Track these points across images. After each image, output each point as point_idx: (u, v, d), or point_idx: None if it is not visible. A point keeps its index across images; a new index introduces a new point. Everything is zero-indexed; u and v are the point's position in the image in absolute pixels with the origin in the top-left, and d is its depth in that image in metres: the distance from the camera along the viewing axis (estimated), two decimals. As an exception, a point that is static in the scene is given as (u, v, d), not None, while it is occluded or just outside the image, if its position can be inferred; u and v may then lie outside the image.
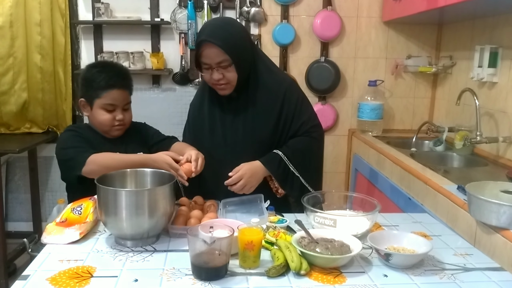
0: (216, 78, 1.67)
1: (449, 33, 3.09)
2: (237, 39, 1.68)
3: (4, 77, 3.10)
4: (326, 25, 3.11)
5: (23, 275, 1.21)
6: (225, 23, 1.75)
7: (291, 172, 1.74)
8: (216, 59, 1.64)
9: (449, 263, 1.33)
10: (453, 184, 1.87)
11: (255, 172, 1.70)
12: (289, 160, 1.73)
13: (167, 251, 1.37)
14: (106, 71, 1.76)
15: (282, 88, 1.77)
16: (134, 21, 3.13)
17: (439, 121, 3.09)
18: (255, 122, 1.76)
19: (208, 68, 1.67)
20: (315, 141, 1.82)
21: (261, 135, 1.76)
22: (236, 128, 1.78)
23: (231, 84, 1.70)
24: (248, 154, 1.74)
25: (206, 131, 1.82)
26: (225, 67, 1.65)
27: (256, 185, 1.70)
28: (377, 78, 3.18)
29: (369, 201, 1.58)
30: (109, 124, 1.76)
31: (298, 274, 1.22)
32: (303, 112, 1.79)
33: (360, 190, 2.98)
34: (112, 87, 1.73)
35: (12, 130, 3.25)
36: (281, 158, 1.73)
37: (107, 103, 1.74)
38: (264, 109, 1.76)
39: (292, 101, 1.77)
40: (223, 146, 1.79)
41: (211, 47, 1.62)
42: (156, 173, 1.53)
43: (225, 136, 1.79)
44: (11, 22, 3.04)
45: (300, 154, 1.76)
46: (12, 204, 3.48)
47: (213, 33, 1.65)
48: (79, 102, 1.81)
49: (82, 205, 1.50)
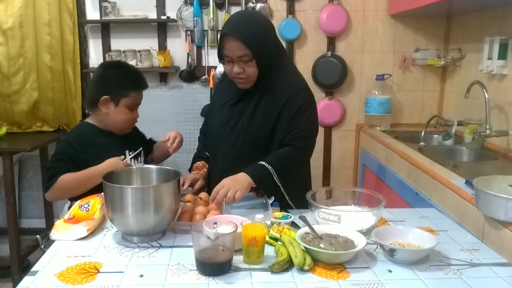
0: (236, 72, 1.69)
1: (458, 25, 3.06)
2: (260, 34, 1.67)
3: (15, 77, 3.14)
4: (332, 20, 3.10)
5: (32, 271, 1.24)
6: (249, 17, 1.75)
7: (274, 180, 1.67)
8: (237, 53, 1.65)
9: (456, 259, 1.32)
10: (461, 179, 1.86)
11: (235, 179, 1.60)
12: (274, 169, 1.66)
13: (173, 247, 1.38)
14: (134, 73, 1.94)
15: (288, 91, 1.74)
16: (140, 20, 3.14)
17: (448, 114, 3.06)
18: (255, 118, 1.76)
19: (229, 61, 1.69)
20: (300, 151, 1.75)
21: (257, 133, 1.76)
22: (239, 120, 1.79)
23: (251, 79, 1.71)
24: (240, 146, 1.77)
25: (215, 114, 1.87)
26: (246, 61, 1.66)
27: (240, 191, 1.56)
28: (384, 72, 3.16)
29: (375, 197, 1.58)
30: (129, 123, 1.93)
31: (301, 270, 1.22)
32: (299, 121, 1.73)
33: (368, 185, 2.97)
34: (139, 88, 1.92)
35: (24, 129, 3.30)
36: (268, 169, 1.65)
37: (132, 103, 1.89)
38: (266, 109, 1.75)
39: (294, 106, 1.73)
40: (226, 133, 1.81)
41: (233, 41, 1.63)
42: (161, 170, 1.55)
43: (229, 124, 1.81)
44: (21, 22, 3.07)
45: (286, 165, 1.70)
46: (25, 202, 3.53)
47: (236, 26, 1.66)
48: (102, 99, 1.84)
49: (90, 202, 1.53)
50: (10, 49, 3.09)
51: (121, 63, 2.21)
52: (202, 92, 3.28)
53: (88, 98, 1.91)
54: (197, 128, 3.28)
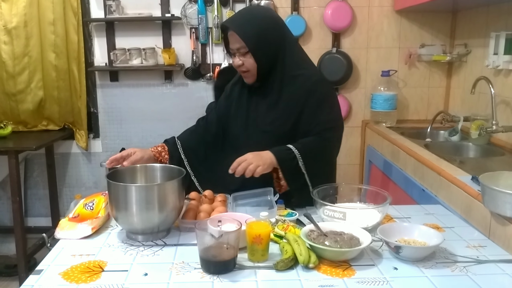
0: (236, 64, 1.71)
1: (464, 20, 3.03)
2: (258, 28, 1.66)
3: (20, 76, 3.15)
4: (337, 16, 3.08)
5: (37, 269, 1.25)
6: (250, 11, 1.77)
7: (299, 167, 1.66)
8: (235, 44, 1.68)
9: (462, 255, 1.31)
10: (467, 175, 1.84)
11: (258, 153, 1.60)
12: (300, 153, 1.66)
13: (177, 245, 1.38)
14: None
15: (306, 85, 1.72)
16: (145, 18, 3.14)
17: (454, 110, 3.04)
18: (275, 115, 1.73)
19: (232, 53, 1.73)
20: (326, 142, 1.73)
21: (278, 129, 1.73)
22: (257, 118, 1.77)
23: (251, 73, 1.71)
24: (263, 146, 1.73)
25: (232, 115, 1.85)
26: (243, 54, 1.68)
27: (263, 167, 1.56)
28: (390, 68, 3.14)
29: (380, 194, 1.57)
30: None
31: (306, 267, 1.22)
32: (323, 113, 1.71)
33: (374, 182, 2.96)
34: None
35: (30, 127, 3.31)
36: (294, 153, 1.65)
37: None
38: (286, 104, 1.72)
39: (315, 97, 1.71)
40: (243, 134, 1.79)
41: (231, 33, 1.68)
42: (165, 168, 1.55)
43: (246, 124, 1.79)
44: (26, 22, 3.08)
45: (311, 152, 1.68)
46: (31, 200, 3.55)
47: (234, 19, 1.72)
48: None
49: (94, 200, 1.53)
50: (15, 48, 3.11)
51: None
52: (207, 89, 3.28)
53: None
54: (202, 126, 3.30)
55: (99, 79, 3.31)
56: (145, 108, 3.32)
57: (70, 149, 3.43)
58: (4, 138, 3.04)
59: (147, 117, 3.32)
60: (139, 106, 3.31)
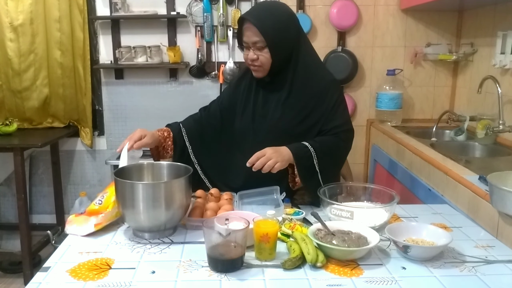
0: (250, 58, 1.69)
1: (470, 19, 3.02)
2: (277, 23, 1.66)
3: (26, 73, 3.16)
4: (342, 14, 3.07)
5: (44, 267, 1.24)
6: (270, 6, 1.74)
7: (314, 165, 1.67)
8: (252, 38, 1.66)
9: (470, 255, 1.30)
10: (474, 175, 1.83)
11: (277, 150, 1.61)
12: (315, 152, 1.66)
13: (184, 243, 1.38)
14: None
15: (320, 85, 1.72)
16: (150, 15, 3.14)
17: (460, 110, 3.03)
18: (284, 111, 1.73)
19: (247, 47, 1.71)
20: (342, 143, 1.75)
21: (287, 126, 1.73)
22: (265, 114, 1.76)
23: (264, 68, 1.70)
24: (270, 141, 1.73)
25: (238, 111, 1.83)
26: (260, 48, 1.66)
27: (281, 163, 1.58)
28: (395, 67, 3.13)
29: (387, 193, 1.56)
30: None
31: (314, 267, 1.21)
32: (339, 115, 1.73)
33: (379, 181, 2.95)
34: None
35: (35, 125, 3.31)
36: (310, 151, 1.66)
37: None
38: (298, 101, 1.72)
39: (331, 100, 1.72)
40: (250, 129, 1.78)
41: (249, 26, 1.65)
42: (172, 166, 1.55)
43: (254, 120, 1.78)
44: (31, 19, 3.08)
45: (327, 152, 1.69)
46: (36, 197, 3.55)
47: (254, 12, 1.70)
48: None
49: (107, 193, 1.51)
50: (21, 46, 3.11)
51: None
52: (212, 87, 3.27)
53: None
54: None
55: (104, 76, 3.31)
56: (149, 106, 3.31)
57: (75, 146, 3.43)
58: (9, 135, 3.05)
59: (151, 115, 3.31)
60: (144, 104, 3.31)
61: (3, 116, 3.24)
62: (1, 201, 3.56)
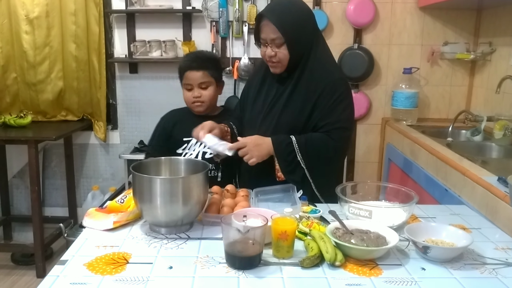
0: (268, 55, 1.70)
1: (489, 18, 2.98)
2: (296, 20, 1.66)
3: (40, 66, 3.17)
4: (359, 11, 3.05)
5: (62, 260, 1.24)
6: (288, 2, 1.72)
7: (297, 160, 1.68)
8: (270, 35, 1.66)
9: (490, 257, 1.28)
10: (492, 176, 1.81)
11: (259, 144, 1.68)
12: (299, 148, 1.68)
13: (201, 239, 1.37)
14: (188, 57, 2.18)
15: (326, 81, 1.71)
16: (166, 10, 3.14)
17: (476, 110, 2.99)
18: (290, 105, 1.74)
19: (264, 43, 1.71)
20: (332, 142, 1.71)
21: (290, 124, 1.74)
22: (274, 107, 1.78)
23: (282, 64, 1.71)
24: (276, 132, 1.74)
25: (250, 101, 1.87)
26: (278, 45, 1.67)
27: (257, 157, 1.66)
28: (412, 65, 3.10)
29: (405, 192, 1.54)
30: (189, 101, 2.11)
31: (332, 265, 1.20)
32: (335, 113, 1.71)
33: (393, 180, 2.92)
34: (188, 69, 2.08)
35: (49, 117, 3.33)
36: (291, 142, 1.69)
37: (185, 83, 2.10)
38: (303, 97, 1.73)
39: (330, 96, 1.70)
40: (259, 120, 1.80)
41: (267, 23, 1.66)
42: (190, 161, 1.55)
43: (263, 111, 1.80)
44: (47, 12, 3.10)
45: (313, 148, 1.69)
46: (49, 190, 3.58)
47: (272, 9, 1.70)
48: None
49: (130, 193, 1.50)
50: (37, 38, 3.12)
51: (193, 52, 2.54)
52: (226, 83, 3.23)
53: None
54: (220, 119, 3.29)
55: (119, 70, 3.31)
56: (163, 101, 3.30)
57: (88, 140, 3.45)
58: (23, 128, 3.07)
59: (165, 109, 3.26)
60: (158, 98, 3.31)
61: (17, 108, 3.26)
62: (14, 193, 3.59)
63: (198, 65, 2.08)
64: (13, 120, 3.06)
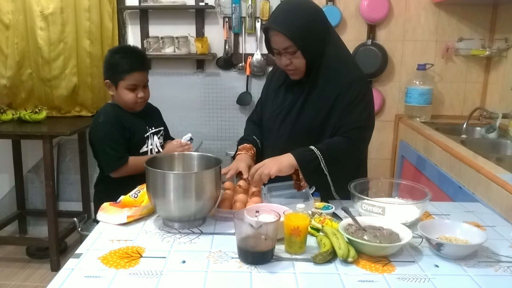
0: (284, 64, 1.66)
1: (505, 14, 2.94)
2: (304, 24, 1.59)
3: (55, 62, 3.20)
4: (373, 7, 3.02)
5: (76, 253, 1.25)
6: (293, 8, 1.64)
7: (321, 168, 1.60)
8: (282, 45, 1.61)
9: (505, 255, 1.27)
10: (508, 173, 1.79)
11: (276, 158, 1.60)
12: (322, 154, 1.60)
13: (213, 234, 1.38)
14: (128, 57, 2.02)
15: (343, 81, 1.66)
16: (179, 6, 3.15)
17: (492, 107, 2.95)
18: (309, 110, 1.70)
19: (277, 52, 1.66)
20: (352, 143, 1.67)
21: (308, 125, 1.70)
22: (292, 110, 1.74)
23: (300, 70, 1.67)
24: (294, 136, 1.72)
25: (269, 103, 1.84)
26: (291, 53, 1.62)
27: (277, 169, 1.55)
28: (426, 61, 3.06)
29: (418, 189, 1.53)
30: (133, 102, 2.04)
31: (345, 262, 1.20)
32: (354, 111, 1.66)
33: (406, 177, 2.90)
34: (133, 70, 2.00)
35: (63, 113, 3.36)
36: (316, 153, 1.60)
37: (130, 84, 2.01)
38: (318, 99, 1.69)
39: (348, 96, 1.65)
40: (278, 122, 1.77)
41: (276, 34, 1.60)
42: (203, 157, 1.55)
43: (280, 113, 1.77)
44: (62, 8, 3.12)
45: (335, 154, 1.63)
46: (63, 185, 3.62)
47: (278, 19, 1.62)
48: (105, 83, 2.08)
49: (143, 188, 1.50)
50: (51, 34, 3.15)
51: (123, 47, 2.35)
52: (239, 79, 3.27)
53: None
54: (232, 116, 3.31)
55: (132, 66, 3.32)
56: (176, 97, 3.33)
57: (102, 135, 3.46)
58: (38, 123, 3.11)
59: (178, 106, 3.33)
60: (171, 94, 3.32)
61: (32, 104, 3.30)
62: (29, 188, 3.63)
63: (143, 66, 2.07)
64: (28, 116, 3.10)
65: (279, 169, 1.55)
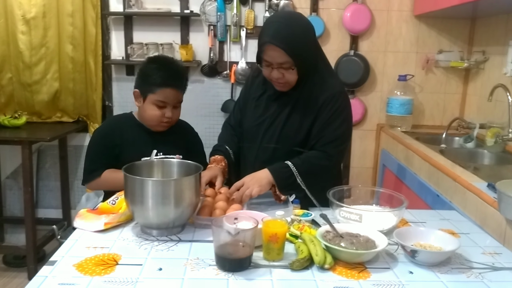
0: (275, 77, 1.66)
1: (482, 27, 3.01)
2: (302, 40, 1.61)
3: (36, 67, 3.17)
4: (356, 18, 3.07)
5: (51, 260, 1.24)
6: (290, 22, 1.63)
7: (297, 183, 1.65)
8: (278, 60, 1.61)
9: (477, 262, 1.30)
10: (483, 182, 1.83)
11: (254, 176, 1.63)
12: (298, 171, 1.65)
13: (192, 241, 1.38)
14: (164, 69, 1.83)
15: (325, 94, 1.70)
16: (163, 13, 3.15)
17: (470, 117, 3.01)
18: (293, 121, 1.73)
19: (268, 65, 1.65)
20: (329, 159, 1.71)
21: (293, 137, 1.73)
22: (275, 121, 1.76)
23: (290, 84, 1.69)
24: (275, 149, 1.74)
25: (250, 111, 1.83)
26: (286, 68, 1.63)
27: (258, 189, 1.58)
28: (407, 72, 3.12)
29: (396, 197, 1.56)
30: (157, 120, 1.84)
31: (322, 268, 1.21)
32: (333, 125, 1.70)
33: (387, 185, 2.94)
34: (167, 85, 1.80)
35: (44, 118, 3.32)
36: (291, 170, 1.65)
37: (159, 100, 1.81)
38: (302, 112, 1.72)
39: (328, 109, 1.69)
40: (261, 132, 1.78)
41: (274, 49, 1.59)
42: (182, 164, 1.55)
43: (263, 124, 1.78)
44: (44, 12, 3.10)
45: (310, 168, 1.67)
46: (43, 191, 3.56)
47: (277, 34, 1.60)
48: (134, 91, 1.89)
49: (121, 195, 1.50)
50: (33, 39, 3.12)
51: (162, 58, 2.06)
52: (223, 87, 3.28)
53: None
54: (217, 123, 3.31)
55: (115, 72, 3.31)
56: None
57: (83, 141, 3.44)
58: (18, 128, 3.07)
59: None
60: (154, 101, 3.30)
61: (12, 109, 3.25)
62: (7, 194, 3.57)
63: (179, 83, 1.87)
64: (7, 121, 3.05)
65: (259, 190, 1.59)
